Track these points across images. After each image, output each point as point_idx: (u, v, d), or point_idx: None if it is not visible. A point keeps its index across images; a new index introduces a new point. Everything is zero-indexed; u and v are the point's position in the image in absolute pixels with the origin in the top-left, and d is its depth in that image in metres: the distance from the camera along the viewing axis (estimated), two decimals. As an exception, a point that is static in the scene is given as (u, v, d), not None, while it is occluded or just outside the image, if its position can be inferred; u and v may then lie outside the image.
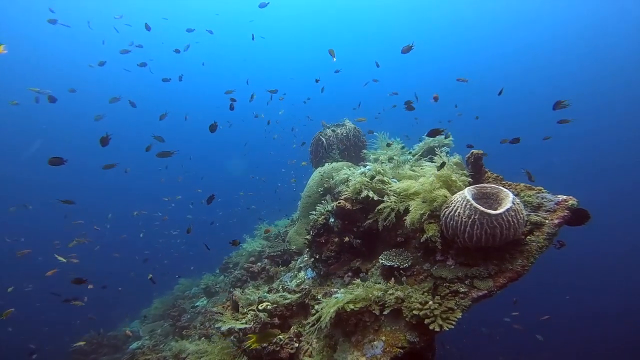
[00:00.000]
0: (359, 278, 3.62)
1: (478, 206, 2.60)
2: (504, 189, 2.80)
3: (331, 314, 2.87)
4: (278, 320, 3.63)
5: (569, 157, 25.41)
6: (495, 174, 3.76)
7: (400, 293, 2.89)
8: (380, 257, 3.44)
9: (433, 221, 3.14)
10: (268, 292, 4.17)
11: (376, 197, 3.71)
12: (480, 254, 2.81)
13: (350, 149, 7.40)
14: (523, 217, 2.61)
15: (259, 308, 3.61)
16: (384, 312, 2.85)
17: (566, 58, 30.22)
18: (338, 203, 3.87)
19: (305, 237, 4.48)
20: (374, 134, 5.79)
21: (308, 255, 4.90)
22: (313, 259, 4.25)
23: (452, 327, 2.37)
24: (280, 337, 3.23)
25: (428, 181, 3.32)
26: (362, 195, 3.78)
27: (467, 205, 2.68)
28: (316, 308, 3.20)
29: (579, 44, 29.75)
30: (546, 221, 2.80)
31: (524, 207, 2.76)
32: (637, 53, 26.28)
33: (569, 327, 11.82)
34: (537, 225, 2.78)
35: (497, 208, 2.72)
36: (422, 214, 3.14)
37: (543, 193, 3.11)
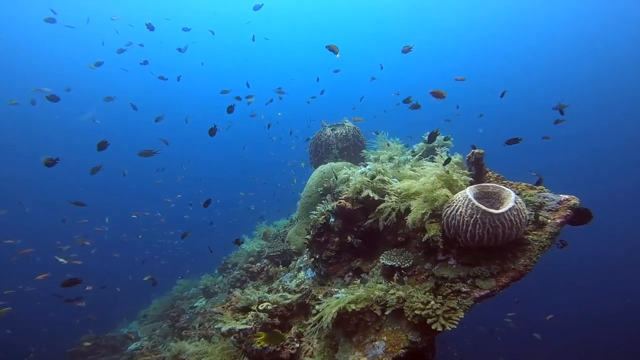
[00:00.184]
0: (359, 278, 3.60)
1: (480, 205, 2.58)
2: (506, 188, 2.78)
3: (333, 314, 2.85)
4: (278, 321, 3.61)
5: (569, 157, 25.44)
6: (496, 174, 3.75)
7: (401, 293, 2.87)
8: (381, 257, 3.42)
9: (434, 221, 3.12)
10: (268, 292, 4.15)
11: (377, 197, 3.69)
12: (482, 254, 2.79)
13: (350, 149, 7.38)
14: (525, 217, 2.59)
15: (260, 308, 3.59)
16: (385, 312, 2.83)
17: (567, 58, 30.28)
18: (338, 203, 3.85)
19: (305, 237, 4.46)
20: (374, 134, 5.79)
21: (308, 255, 4.87)
22: (313, 259, 4.23)
23: (455, 327, 2.36)
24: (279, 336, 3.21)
25: (429, 181, 3.30)
26: (363, 194, 3.77)
27: (469, 205, 2.66)
28: (317, 308, 3.18)
29: (579, 44, 29.81)
30: (548, 220, 2.78)
31: (526, 207, 2.75)
32: (638, 53, 26.32)
33: (569, 327, 11.81)
34: (540, 224, 2.76)
35: (499, 207, 2.70)
36: (424, 214, 3.12)
37: (545, 192, 3.09)
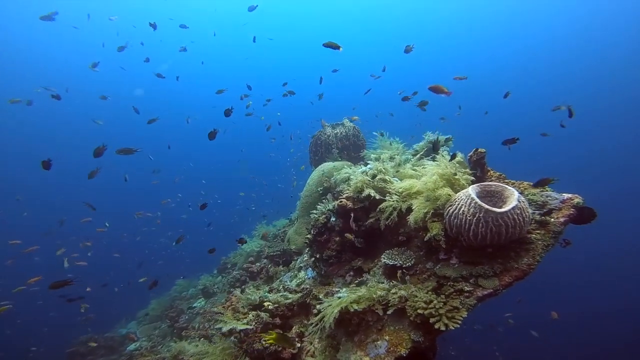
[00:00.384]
0: (360, 277, 3.58)
1: (483, 204, 2.56)
2: (509, 187, 2.76)
3: (335, 314, 2.83)
4: (279, 321, 3.59)
5: (570, 157, 25.45)
6: (498, 173, 3.74)
7: (403, 292, 2.85)
8: (382, 256, 3.40)
9: (436, 220, 3.10)
10: (269, 292, 4.13)
11: (378, 196, 3.67)
12: (484, 253, 2.77)
13: (350, 148, 7.36)
14: (529, 215, 2.58)
15: (256, 309, 3.56)
16: (387, 312, 2.81)
17: (567, 58, 30.31)
18: (340, 202, 3.83)
19: (306, 237, 4.44)
20: (374, 133, 5.76)
21: (308, 255, 4.85)
22: (314, 259, 4.21)
23: (458, 327, 2.34)
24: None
25: (431, 180, 3.28)
26: (364, 194, 3.75)
27: (472, 204, 2.64)
28: (318, 308, 3.16)
29: (580, 44, 29.86)
30: (552, 219, 2.76)
31: (529, 205, 2.73)
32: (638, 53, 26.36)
33: (569, 327, 11.80)
34: (543, 223, 2.74)
35: (502, 206, 2.68)
36: (426, 213, 3.10)
37: (548, 191, 3.07)
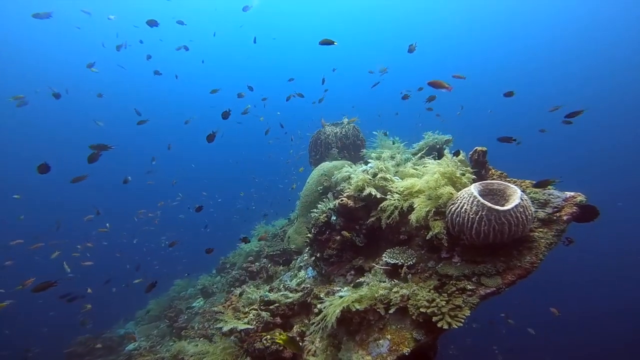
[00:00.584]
0: (361, 276, 3.56)
1: (486, 202, 2.55)
2: (511, 185, 2.75)
3: (337, 314, 2.81)
4: (280, 320, 3.56)
5: (570, 156, 25.45)
6: (500, 171, 3.73)
7: (405, 291, 2.83)
8: (383, 255, 3.38)
9: (438, 218, 3.08)
10: (269, 291, 4.11)
11: (379, 195, 3.66)
12: (487, 251, 2.76)
13: (349, 148, 7.35)
14: (531, 214, 2.56)
15: (261, 307, 3.54)
16: (389, 311, 2.79)
17: (568, 58, 30.35)
18: (341, 201, 3.81)
19: (307, 236, 4.42)
20: (374, 133, 5.74)
21: (308, 254, 4.82)
22: (314, 258, 4.19)
23: (461, 325, 2.32)
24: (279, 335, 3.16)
25: (433, 178, 3.27)
26: (365, 192, 3.73)
27: (474, 202, 2.62)
28: (319, 307, 3.14)
29: (580, 44, 29.89)
30: (554, 218, 2.74)
31: (531, 204, 2.71)
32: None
33: (569, 327, 11.79)
34: (546, 221, 2.73)
35: (504, 204, 2.66)
36: (428, 211, 3.08)
37: (550, 189, 3.06)
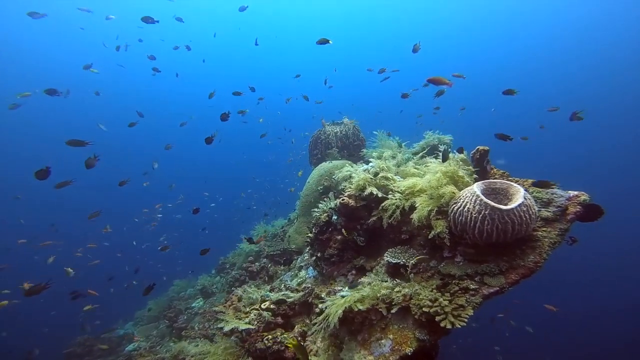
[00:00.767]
0: (362, 276, 3.54)
1: (489, 201, 2.53)
2: (514, 184, 2.73)
3: (339, 314, 2.78)
4: (281, 320, 3.54)
5: (570, 157, 25.45)
6: (502, 171, 3.71)
7: (407, 290, 2.81)
8: (385, 255, 3.36)
9: (440, 217, 3.07)
10: (270, 291, 4.09)
11: (380, 194, 3.64)
12: (490, 251, 2.74)
13: (350, 147, 7.33)
14: (535, 213, 2.55)
15: (262, 307, 3.52)
16: (391, 311, 2.77)
17: (567, 58, 30.36)
18: (342, 200, 3.79)
19: (307, 235, 4.40)
20: (374, 132, 5.72)
21: (309, 254, 4.80)
22: (315, 257, 4.16)
23: (464, 325, 2.30)
24: (285, 337, 3.14)
25: (435, 177, 3.25)
26: (366, 192, 3.71)
27: (477, 201, 2.61)
28: (320, 307, 3.11)
29: (580, 44, 29.90)
30: (558, 217, 2.73)
31: (535, 203, 2.69)
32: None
33: (569, 326, 11.78)
34: (549, 220, 2.71)
35: (507, 203, 2.65)
36: (430, 211, 3.07)
37: (553, 189, 3.04)
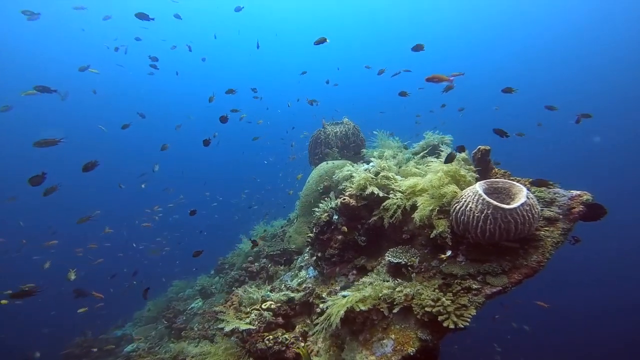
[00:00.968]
0: (364, 276, 3.52)
1: (491, 200, 2.52)
2: (517, 184, 2.72)
3: (341, 314, 2.76)
4: (282, 320, 3.52)
5: (570, 157, 25.47)
6: (503, 170, 3.70)
7: (409, 290, 2.79)
8: (386, 254, 3.34)
9: (442, 217, 3.05)
10: (271, 291, 4.07)
11: (381, 194, 3.62)
12: (492, 250, 2.72)
13: (350, 147, 7.32)
14: (538, 212, 2.53)
15: (263, 307, 3.50)
16: (393, 310, 2.75)
17: (567, 57, 30.42)
18: (343, 199, 3.77)
19: (308, 235, 4.38)
20: (374, 132, 5.70)
21: (309, 254, 4.78)
22: (315, 257, 4.15)
23: (467, 325, 2.28)
24: (286, 337, 3.12)
25: (436, 177, 3.24)
26: (367, 191, 3.69)
27: (480, 200, 2.59)
28: (321, 307, 3.10)
29: (580, 44, 29.96)
30: (560, 216, 2.71)
31: (537, 202, 2.68)
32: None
33: (569, 326, 11.76)
34: (552, 220, 2.70)
35: (510, 203, 2.63)
36: (432, 210, 3.05)
37: (555, 188, 3.03)
